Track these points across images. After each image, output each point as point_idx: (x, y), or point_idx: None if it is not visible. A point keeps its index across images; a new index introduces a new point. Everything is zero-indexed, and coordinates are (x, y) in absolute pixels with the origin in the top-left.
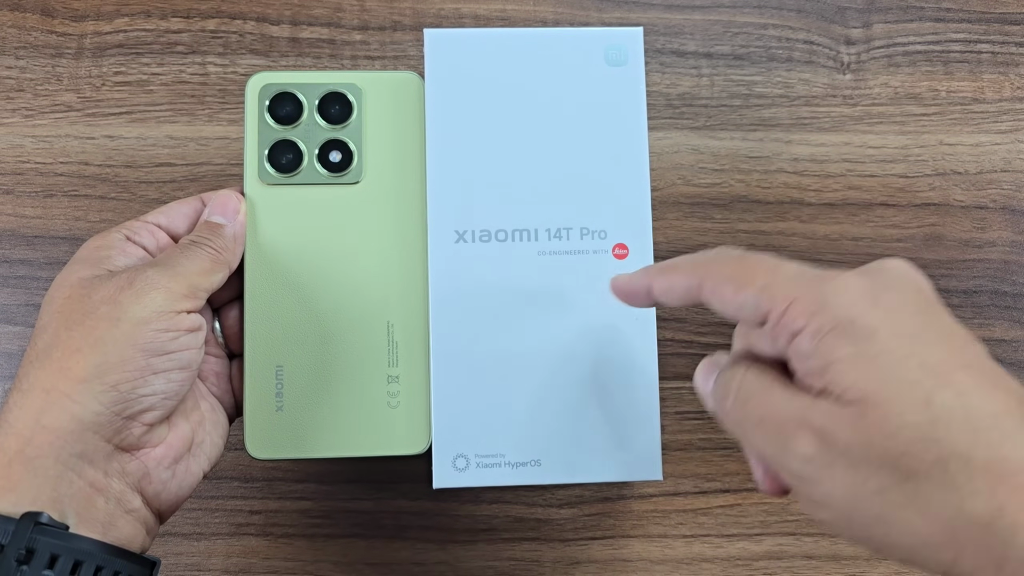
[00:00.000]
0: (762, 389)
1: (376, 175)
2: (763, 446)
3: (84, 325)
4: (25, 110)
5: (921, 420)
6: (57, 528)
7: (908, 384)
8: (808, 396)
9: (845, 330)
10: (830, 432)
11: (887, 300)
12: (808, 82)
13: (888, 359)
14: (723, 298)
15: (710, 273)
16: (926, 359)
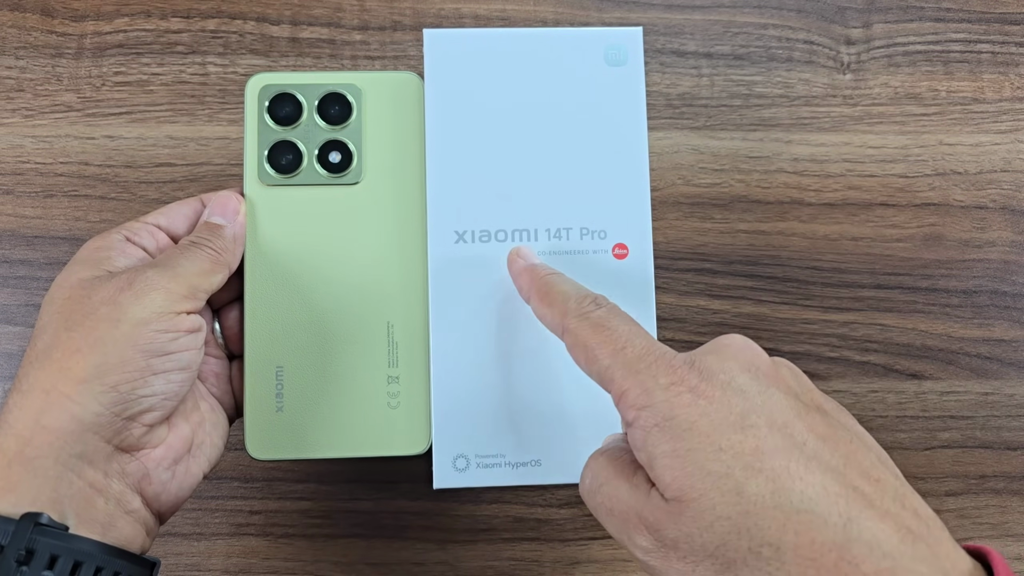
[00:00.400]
0: (610, 479)
1: (376, 176)
2: (614, 534)
3: (84, 326)
4: (25, 110)
5: (733, 512)
6: (57, 529)
7: (719, 477)
8: (646, 488)
9: (665, 427)
10: (660, 528)
11: (711, 390)
12: (808, 82)
13: (701, 454)
14: (577, 360)
15: (569, 330)
16: (741, 448)
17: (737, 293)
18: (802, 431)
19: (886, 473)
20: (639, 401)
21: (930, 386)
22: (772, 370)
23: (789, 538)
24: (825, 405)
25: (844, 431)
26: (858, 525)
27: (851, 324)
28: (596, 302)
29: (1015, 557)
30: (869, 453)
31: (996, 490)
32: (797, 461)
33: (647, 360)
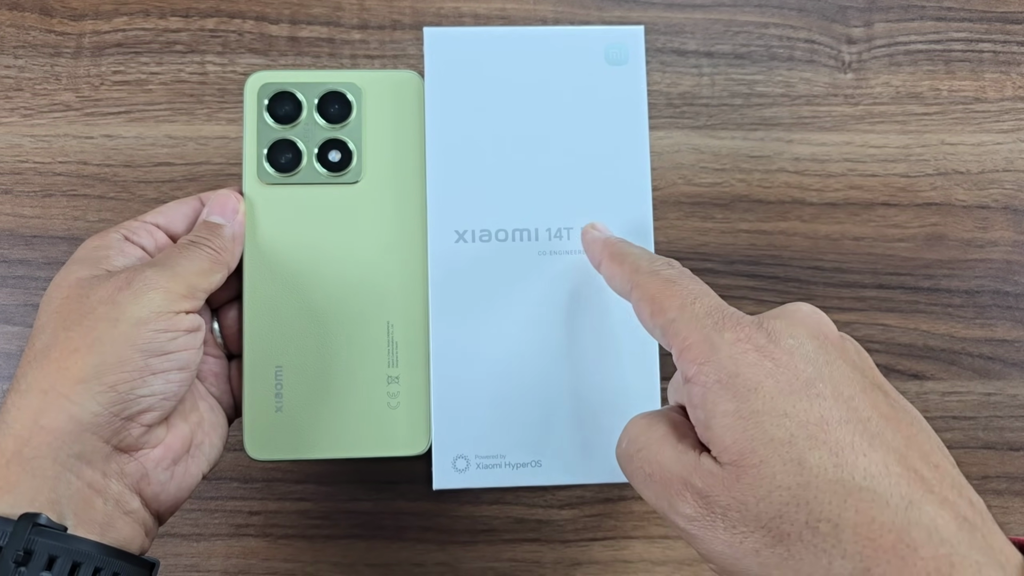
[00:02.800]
0: (651, 442)
1: (376, 175)
2: (651, 500)
3: (82, 325)
4: (24, 109)
5: (792, 483)
6: (55, 529)
7: (782, 444)
8: (694, 453)
9: (728, 384)
10: (709, 494)
11: (778, 352)
12: (809, 81)
13: (765, 418)
14: (642, 316)
15: (639, 284)
16: (806, 416)
17: (739, 293)
18: (867, 407)
19: (945, 460)
20: (702, 355)
21: (932, 386)
22: (839, 342)
23: (849, 515)
24: (887, 384)
25: (905, 413)
26: (918, 509)
27: (853, 324)
28: (669, 263)
29: None
30: (929, 438)
31: (999, 491)
32: (861, 436)
33: (715, 316)
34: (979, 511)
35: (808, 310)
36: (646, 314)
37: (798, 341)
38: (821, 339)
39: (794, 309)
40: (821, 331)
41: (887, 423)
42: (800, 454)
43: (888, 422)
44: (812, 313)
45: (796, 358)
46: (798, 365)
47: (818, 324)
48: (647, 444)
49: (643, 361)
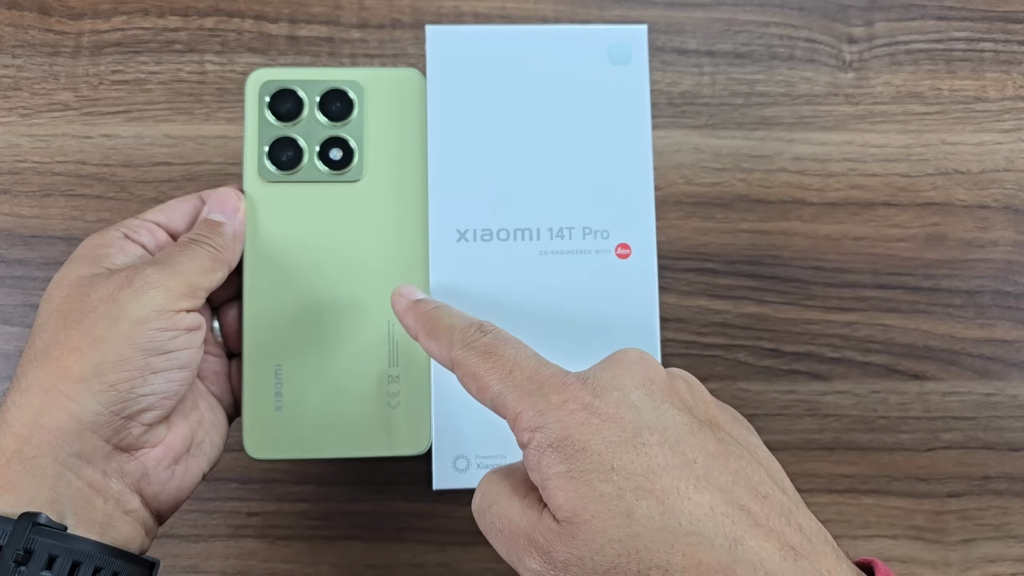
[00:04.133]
0: (501, 498)
1: (377, 173)
2: (503, 555)
3: (83, 324)
4: (22, 109)
5: (623, 534)
6: (55, 529)
7: (610, 499)
8: (537, 510)
9: (559, 447)
10: (550, 550)
11: (604, 406)
12: (810, 80)
13: (594, 475)
14: (470, 392)
15: (458, 363)
16: (632, 468)
17: (739, 293)
18: (693, 448)
19: (774, 488)
20: (532, 422)
21: (932, 387)
22: (667, 384)
23: (677, 560)
24: (720, 417)
25: (736, 445)
26: (743, 545)
27: (853, 324)
28: (481, 329)
29: (1018, 558)
30: (759, 468)
31: (998, 491)
32: (687, 480)
33: (537, 380)
34: (809, 536)
35: (635, 356)
36: (473, 390)
37: (623, 392)
38: (648, 385)
39: (620, 357)
40: (648, 376)
41: (714, 461)
42: (628, 506)
43: (715, 460)
44: (639, 359)
45: (622, 409)
46: (624, 416)
47: (645, 370)
48: (497, 499)
49: None
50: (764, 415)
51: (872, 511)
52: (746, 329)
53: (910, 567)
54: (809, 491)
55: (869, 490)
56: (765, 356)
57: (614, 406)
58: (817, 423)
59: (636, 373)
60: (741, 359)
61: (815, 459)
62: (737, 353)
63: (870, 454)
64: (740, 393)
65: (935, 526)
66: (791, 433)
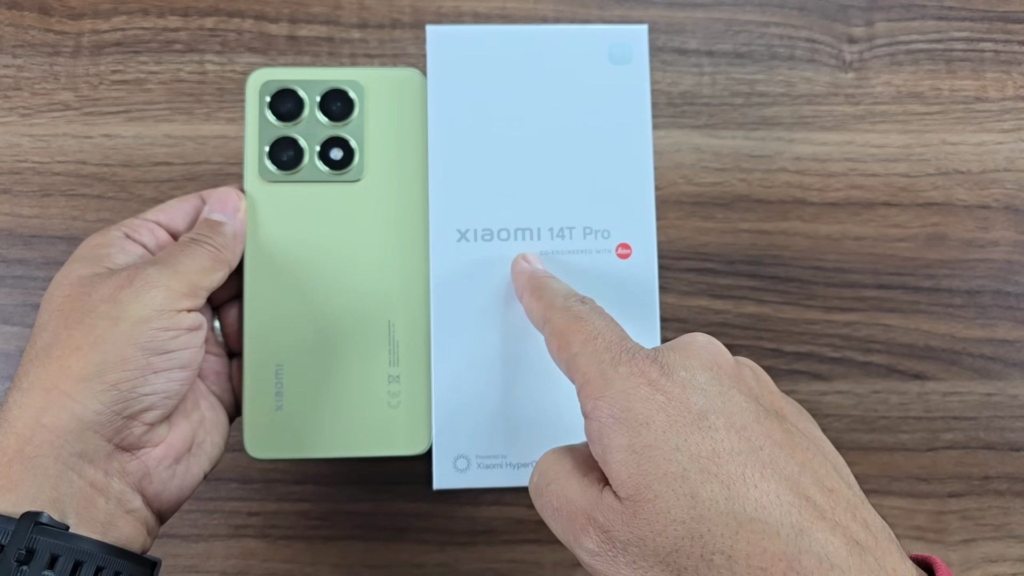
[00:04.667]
0: (560, 476)
1: (377, 173)
2: (559, 534)
3: (84, 324)
4: (22, 109)
5: (687, 516)
6: (57, 528)
7: (675, 478)
8: (597, 488)
9: (621, 419)
10: (610, 529)
11: (670, 385)
12: (810, 80)
13: (657, 452)
14: (551, 350)
15: (550, 320)
16: (698, 450)
17: (739, 293)
18: (760, 435)
19: (840, 483)
20: (598, 391)
21: (933, 387)
22: (735, 370)
23: (741, 547)
24: (785, 409)
25: (801, 437)
26: (809, 537)
27: (854, 324)
28: (583, 300)
29: (1018, 558)
30: (825, 461)
31: (999, 491)
32: (753, 467)
33: (613, 351)
34: (874, 532)
35: (704, 340)
36: (554, 349)
37: (691, 373)
38: (715, 369)
39: (689, 340)
40: (715, 361)
41: (781, 450)
42: (693, 488)
43: (782, 449)
44: (707, 344)
45: (688, 391)
46: (690, 398)
47: (713, 355)
48: (555, 478)
49: None
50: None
51: None
52: (746, 329)
53: None
54: None
55: (870, 490)
56: (765, 356)
57: (680, 386)
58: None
59: (704, 356)
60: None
61: None
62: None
63: (871, 454)
64: None
65: (936, 526)
66: None
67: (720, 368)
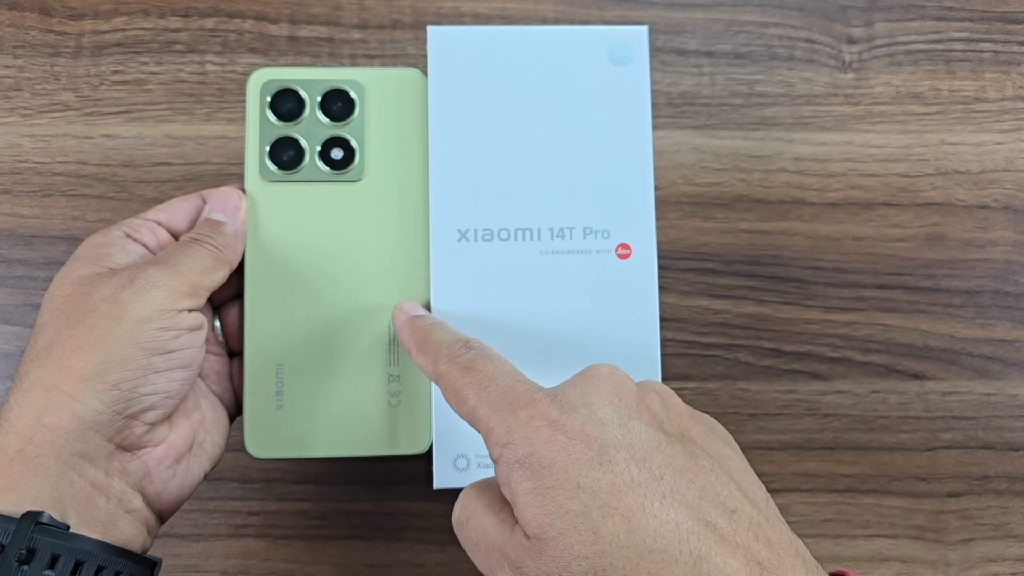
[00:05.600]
0: (478, 512)
1: (378, 173)
2: (479, 566)
3: (85, 323)
4: (23, 109)
5: (589, 552)
6: (58, 528)
7: (576, 516)
8: (509, 525)
9: (526, 464)
10: (521, 565)
11: (571, 423)
12: (810, 81)
13: (560, 492)
14: (450, 405)
15: (441, 376)
16: (598, 485)
17: (739, 293)
18: (660, 464)
19: (744, 502)
20: (502, 438)
21: (932, 386)
22: (637, 399)
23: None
24: (693, 430)
25: (707, 459)
26: (708, 563)
27: (853, 324)
28: (467, 346)
29: (1018, 558)
30: (729, 482)
31: (998, 491)
32: (653, 497)
33: (509, 396)
34: (777, 550)
35: (606, 372)
36: (452, 403)
37: (591, 409)
38: (616, 401)
39: (592, 373)
40: (617, 392)
41: (682, 477)
42: (594, 524)
43: (683, 476)
44: (609, 375)
45: (588, 426)
46: (591, 433)
47: (615, 385)
48: (473, 513)
49: (644, 362)
50: (764, 415)
51: (872, 511)
52: (746, 329)
53: (910, 567)
54: (809, 491)
55: (869, 490)
56: (765, 356)
57: (581, 422)
58: (817, 423)
59: (605, 389)
60: (741, 359)
61: (815, 459)
62: (737, 353)
63: (870, 454)
64: (740, 393)
65: (935, 526)
66: (791, 433)
67: (621, 399)
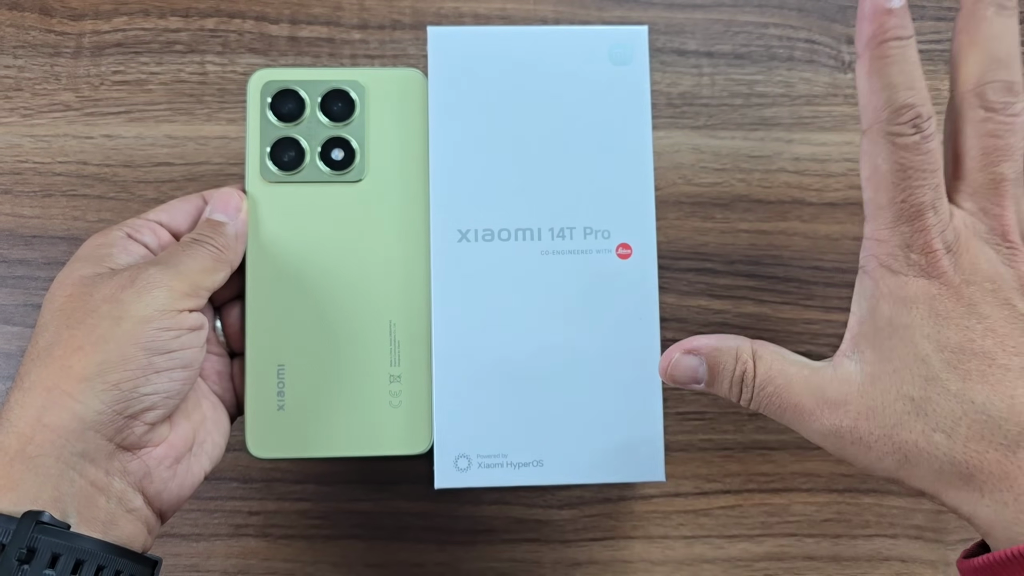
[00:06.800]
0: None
1: (379, 173)
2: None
3: (86, 324)
4: (23, 109)
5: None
6: (58, 527)
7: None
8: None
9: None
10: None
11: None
12: (809, 81)
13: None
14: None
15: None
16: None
17: (739, 293)
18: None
19: None
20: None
21: None
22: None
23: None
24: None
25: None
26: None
27: None
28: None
29: None
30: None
31: None
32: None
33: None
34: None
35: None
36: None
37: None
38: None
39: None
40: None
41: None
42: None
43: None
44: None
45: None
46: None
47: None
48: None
49: (645, 363)
50: (764, 414)
51: (872, 511)
52: (746, 329)
53: (910, 567)
54: (809, 491)
55: (869, 489)
56: None
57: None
58: None
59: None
60: None
61: (815, 459)
62: None
63: None
64: None
65: (934, 525)
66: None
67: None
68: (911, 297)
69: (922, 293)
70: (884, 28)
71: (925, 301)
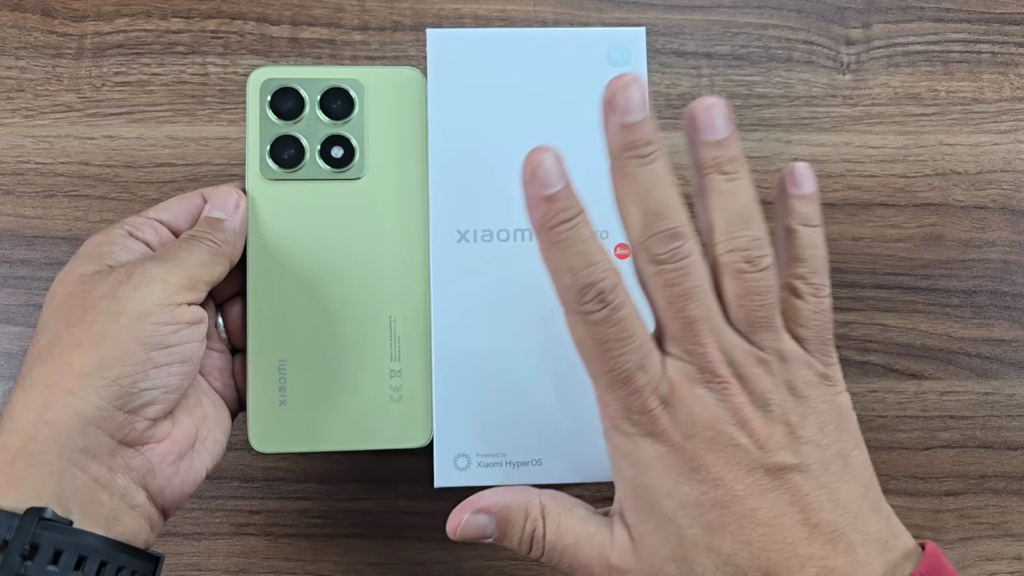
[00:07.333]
0: None
1: (378, 171)
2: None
3: (84, 321)
4: (25, 110)
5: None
6: (61, 523)
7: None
8: None
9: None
10: None
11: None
12: (808, 82)
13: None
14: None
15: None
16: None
17: None
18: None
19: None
20: None
21: (930, 386)
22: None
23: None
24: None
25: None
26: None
27: (851, 324)
28: (601, 301)
29: (1015, 557)
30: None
31: (996, 490)
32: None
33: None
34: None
35: None
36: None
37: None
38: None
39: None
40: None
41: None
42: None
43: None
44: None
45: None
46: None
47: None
48: None
49: None
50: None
51: None
52: None
53: None
54: None
55: None
56: None
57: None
58: None
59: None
60: None
61: None
62: None
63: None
64: None
65: (933, 525)
66: None
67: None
68: (644, 460)
69: (652, 453)
70: (548, 215)
71: (657, 460)
